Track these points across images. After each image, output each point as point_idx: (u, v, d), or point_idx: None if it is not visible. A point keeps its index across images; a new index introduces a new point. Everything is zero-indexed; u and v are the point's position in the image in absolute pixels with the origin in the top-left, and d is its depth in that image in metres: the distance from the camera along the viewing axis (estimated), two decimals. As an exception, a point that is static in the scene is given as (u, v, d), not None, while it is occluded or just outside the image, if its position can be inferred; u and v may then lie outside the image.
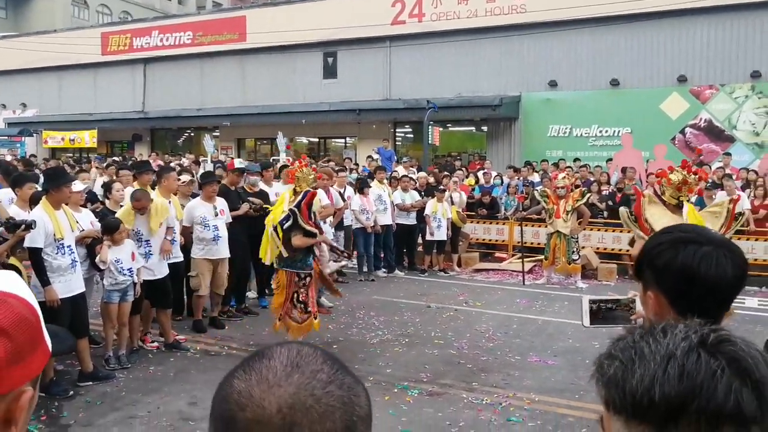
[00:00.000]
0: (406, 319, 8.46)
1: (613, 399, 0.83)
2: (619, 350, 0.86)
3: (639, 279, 1.57)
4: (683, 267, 1.43)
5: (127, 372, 6.32)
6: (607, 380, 0.84)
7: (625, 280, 11.30)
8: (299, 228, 6.46)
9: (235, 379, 0.79)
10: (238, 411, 0.75)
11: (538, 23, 17.81)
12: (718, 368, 0.78)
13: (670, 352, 0.81)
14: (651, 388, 0.79)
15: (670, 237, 1.51)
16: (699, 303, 1.40)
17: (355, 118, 20.08)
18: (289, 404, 0.74)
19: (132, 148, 25.86)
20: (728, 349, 0.80)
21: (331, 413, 0.75)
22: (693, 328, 0.85)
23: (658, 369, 0.79)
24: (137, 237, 6.78)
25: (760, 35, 16.00)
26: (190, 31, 24.26)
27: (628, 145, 16.64)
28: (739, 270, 1.44)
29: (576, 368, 6.45)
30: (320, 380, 0.77)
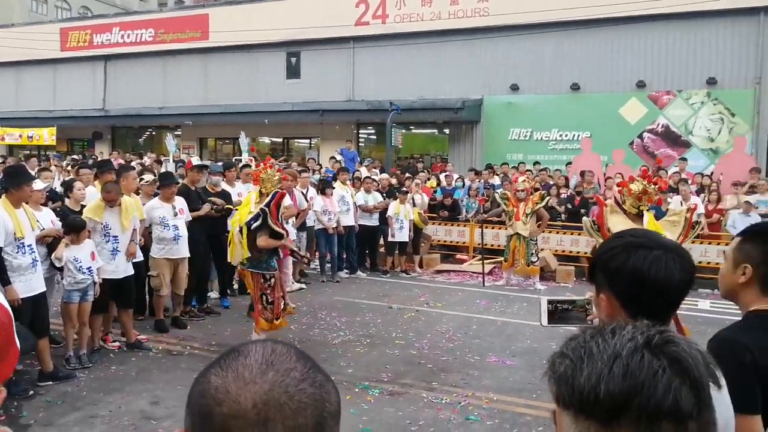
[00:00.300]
0: (368, 319, 8.52)
1: (563, 395, 0.88)
2: (570, 349, 0.90)
3: (592, 282, 1.62)
4: (634, 270, 1.49)
5: (88, 372, 6.27)
6: (558, 377, 0.89)
7: (582, 282, 11.54)
8: (267, 228, 6.51)
9: (212, 375, 0.82)
10: (215, 406, 0.79)
11: (501, 27, 18.03)
12: (659, 368, 0.83)
13: (616, 352, 0.85)
14: (597, 385, 0.83)
15: (622, 241, 1.56)
16: (649, 305, 1.47)
17: (318, 118, 20.06)
18: (264, 400, 0.78)
19: (92, 147, 25.35)
20: (671, 349, 0.86)
21: (303, 409, 0.79)
22: (640, 329, 0.89)
23: (604, 368, 0.84)
24: (105, 231, 6.70)
25: (716, 43, 16.49)
26: (151, 28, 23.92)
27: (587, 149, 16.98)
28: (687, 274, 1.51)
29: (533, 368, 6.59)
30: (293, 378, 0.81)
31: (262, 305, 6.74)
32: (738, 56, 16.34)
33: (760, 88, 16.19)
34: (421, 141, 22.08)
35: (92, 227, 6.62)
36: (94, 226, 6.65)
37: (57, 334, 6.94)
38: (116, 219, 6.77)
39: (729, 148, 16.28)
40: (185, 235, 7.81)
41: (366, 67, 20.36)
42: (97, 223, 6.66)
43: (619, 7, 16.08)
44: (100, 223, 6.67)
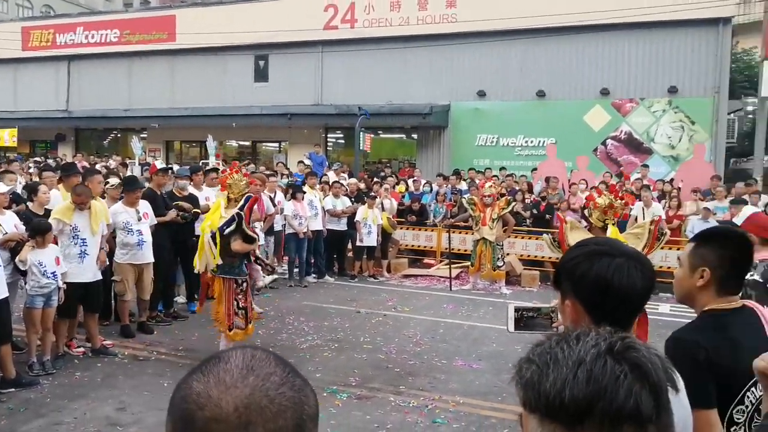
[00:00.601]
0: (336, 324, 8.55)
1: (529, 399, 0.91)
2: (536, 355, 0.94)
3: (558, 289, 1.67)
4: (597, 278, 1.54)
5: (52, 378, 6.17)
6: (525, 382, 0.92)
7: (547, 287, 11.72)
8: (240, 232, 6.49)
9: (193, 381, 0.84)
10: (197, 410, 0.81)
11: (469, 33, 18.22)
12: (621, 373, 0.87)
13: (580, 358, 0.89)
14: (562, 390, 0.87)
15: (586, 250, 1.62)
16: (612, 311, 1.52)
17: (286, 122, 20.03)
18: (245, 404, 0.81)
19: (55, 148, 24.90)
20: (631, 355, 0.90)
21: (283, 412, 0.82)
22: (603, 335, 0.93)
23: (569, 373, 0.88)
24: (74, 234, 6.61)
25: (677, 53, 16.91)
26: (117, 28, 23.60)
27: (552, 156, 17.24)
28: (649, 280, 1.56)
29: (499, 372, 6.69)
30: (273, 382, 0.84)
31: (233, 312, 6.66)
32: (698, 66, 16.79)
33: (719, 97, 16.66)
34: (389, 146, 22.17)
35: (60, 229, 6.53)
36: (62, 228, 6.56)
37: (20, 340, 6.81)
38: (86, 222, 6.69)
39: (689, 156, 16.70)
40: (149, 240, 7.74)
41: (334, 71, 20.39)
42: (66, 224, 6.57)
43: (583, 16, 16.39)
44: (69, 225, 6.58)
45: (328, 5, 20.07)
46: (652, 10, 15.83)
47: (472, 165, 17.15)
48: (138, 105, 22.79)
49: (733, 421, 1.99)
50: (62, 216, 6.55)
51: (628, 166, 17.04)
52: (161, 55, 22.69)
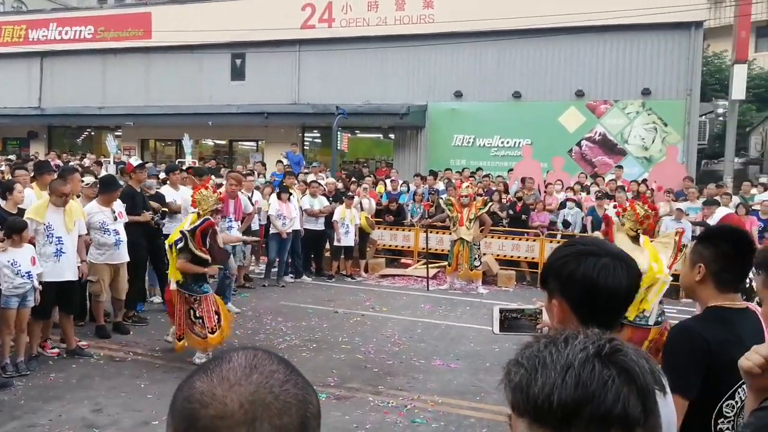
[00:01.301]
0: (314, 324, 8.55)
1: (518, 403, 0.92)
2: (524, 358, 0.94)
3: (545, 288, 1.69)
4: (584, 277, 1.56)
5: (26, 380, 6.08)
6: (513, 386, 0.93)
7: (522, 286, 11.85)
8: (188, 252, 6.50)
9: (196, 381, 0.85)
10: (200, 409, 0.81)
11: (446, 34, 18.28)
12: (609, 377, 0.88)
13: (569, 362, 0.90)
14: (551, 394, 0.88)
15: (573, 250, 1.64)
16: (599, 310, 1.56)
17: (263, 121, 19.93)
18: (250, 401, 0.81)
19: (27, 146, 24.45)
20: (619, 359, 0.91)
21: (288, 408, 0.83)
22: (591, 338, 0.94)
23: (557, 378, 0.88)
24: (48, 233, 6.49)
25: (650, 56, 17.17)
26: (91, 25, 23.27)
27: (528, 156, 17.41)
28: (633, 279, 1.60)
29: (477, 371, 6.76)
30: (278, 379, 0.84)
31: (190, 320, 6.61)
32: (671, 69, 17.06)
33: (691, 99, 16.95)
34: (366, 145, 22.18)
35: (34, 229, 6.42)
36: (36, 228, 6.44)
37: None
38: (60, 220, 6.57)
39: (662, 157, 16.97)
40: (125, 239, 7.67)
41: (312, 70, 20.34)
42: (39, 224, 6.44)
43: (559, 18, 16.55)
44: (43, 224, 6.46)
45: (305, 4, 20.01)
46: (626, 13, 16.03)
47: (448, 165, 17.23)
48: (113, 103, 22.51)
49: (722, 413, 2.07)
50: (35, 215, 6.43)
51: (602, 167, 17.26)
52: (136, 52, 22.42)
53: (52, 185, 6.67)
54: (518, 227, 12.68)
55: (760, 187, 14.18)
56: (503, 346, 7.35)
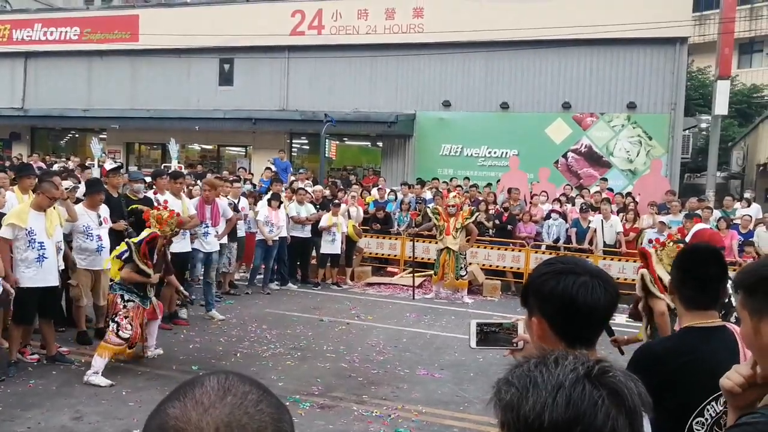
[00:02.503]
0: (299, 332, 8.50)
1: (509, 422, 0.93)
2: (515, 378, 0.96)
3: (525, 306, 1.71)
4: (563, 295, 1.58)
5: (5, 386, 5.96)
6: (504, 405, 0.94)
7: (507, 296, 11.88)
8: (133, 263, 6.58)
9: (168, 407, 0.83)
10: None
11: (435, 44, 18.37)
12: (599, 398, 0.90)
13: (559, 382, 0.92)
14: (541, 414, 0.90)
15: (552, 268, 1.66)
16: (577, 327, 1.57)
17: (250, 127, 19.86)
18: (226, 422, 0.80)
19: (9, 148, 24.16)
20: (609, 380, 0.93)
21: (264, 428, 0.82)
22: (581, 359, 0.96)
23: (548, 397, 0.90)
24: (30, 238, 6.34)
25: (636, 70, 17.36)
26: (77, 26, 23.07)
27: (514, 167, 17.48)
28: (612, 297, 1.61)
29: (461, 381, 6.76)
30: (251, 400, 0.84)
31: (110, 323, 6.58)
32: (656, 83, 17.25)
33: (675, 114, 17.14)
34: (354, 153, 22.17)
35: (15, 235, 6.30)
36: (17, 234, 6.32)
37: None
38: (42, 225, 6.45)
39: (646, 170, 17.13)
40: (108, 245, 7.56)
41: (300, 77, 20.33)
42: (21, 229, 6.31)
43: (547, 31, 16.69)
44: (25, 230, 6.33)
45: (295, 11, 20.01)
46: (612, 28, 16.20)
47: (436, 174, 17.27)
48: (97, 105, 22.32)
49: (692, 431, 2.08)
50: (17, 220, 6.29)
51: (587, 179, 17.40)
52: (123, 55, 22.26)
53: (44, 187, 6.53)
54: (504, 237, 12.73)
55: (744, 201, 14.34)
56: (487, 356, 7.37)
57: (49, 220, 6.53)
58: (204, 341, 7.87)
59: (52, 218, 6.59)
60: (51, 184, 6.60)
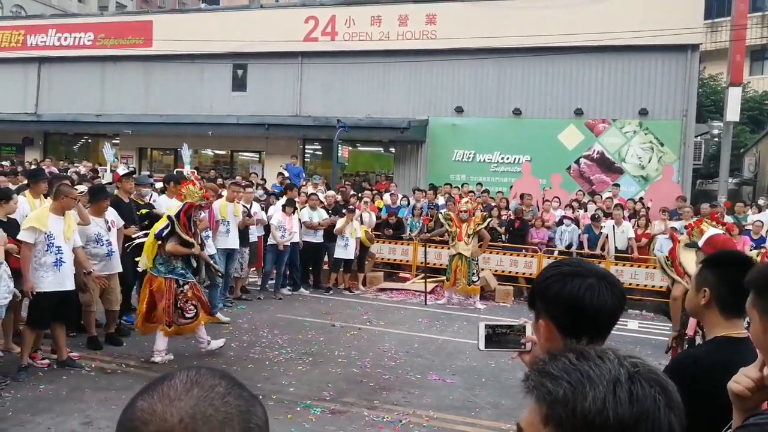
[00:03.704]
0: (310, 337, 8.49)
1: (560, 417, 0.90)
2: (562, 371, 0.93)
3: (532, 308, 1.70)
4: (570, 297, 1.58)
5: (15, 391, 5.94)
6: (555, 400, 0.91)
7: (520, 302, 11.83)
8: (176, 236, 6.87)
9: (138, 401, 0.85)
10: (141, 426, 0.82)
11: (447, 50, 18.39)
12: (657, 394, 0.90)
13: (614, 377, 0.90)
14: (603, 410, 0.87)
15: (559, 270, 1.65)
16: (584, 329, 1.55)
17: (263, 132, 19.93)
18: (190, 414, 0.81)
19: (22, 152, 24.35)
20: (656, 378, 0.92)
21: (230, 421, 0.83)
22: (618, 354, 0.95)
23: (607, 393, 0.88)
24: (49, 242, 6.36)
25: (648, 76, 17.29)
26: (91, 32, 23.25)
27: (527, 173, 17.44)
28: (618, 300, 1.61)
29: (473, 386, 6.72)
30: (218, 392, 0.85)
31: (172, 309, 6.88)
32: (667, 90, 17.18)
33: (687, 120, 17.05)
34: (366, 159, 22.16)
35: (35, 239, 6.32)
36: (36, 238, 6.33)
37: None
38: (60, 229, 6.47)
39: (658, 176, 17.04)
40: (117, 250, 7.61)
41: (313, 83, 20.39)
42: (41, 233, 6.33)
43: (558, 37, 16.68)
44: (44, 234, 6.35)
45: (308, 17, 20.09)
46: (624, 35, 16.17)
47: (448, 180, 17.24)
48: (111, 110, 22.45)
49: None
50: (38, 224, 6.31)
51: (599, 185, 17.32)
52: (136, 60, 22.40)
53: (64, 190, 6.55)
54: (517, 243, 12.68)
55: (755, 207, 14.23)
56: (499, 361, 7.33)
57: (67, 224, 6.57)
58: (215, 346, 7.87)
59: (70, 223, 6.63)
60: (69, 187, 6.65)
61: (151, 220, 8.64)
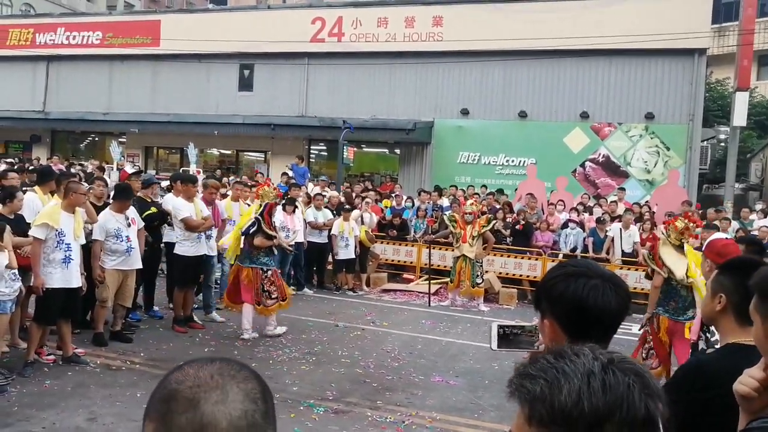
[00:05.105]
0: (314, 337, 8.51)
1: (540, 414, 0.92)
2: (539, 370, 0.95)
3: (537, 309, 1.71)
4: (574, 297, 1.59)
5: (21, 386, 5.97)
6: (533, 397, 0.93)
7: (524, 305, 11.82)
8: (262, 231, 8.08)
9: (168, 376, 0.98)
10: (178, 386, 0.95)
11: (454, 52, 18.41)
12: (631, 381, 0.92)
13: (588, 369, 0.93)
14: (578, 401, 0.90)
15: (563, 271, 1.66)
16: (588, 330, 1.56)
17: (269, 132, 19.99)
18: (218, 372, 0.96)
19: (30, 150, 24.46)
20: (631, 366, 0.95)
21: (251, 379, 0.98)
22: (596, 349, 0.98)
23: (582, 384, 0.91)
24: (59, 239, 6.42)
25: (655, 80, 17.28)
26: (99, 31, 23.37)
27: (532, 176, 17.42)
28: (623, 301, 1.61)
29: (476, 388, 6.73)
30: (236, 363, 1.01)
31: (260, 293, 8.10)
32: (674, 94, 17.17)
33: (693, 124, 17.02)
34: (371, 160, 22.21)
35: (47, 236, 6.36)
36: (48, 234, 6.38)
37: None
38: (71, 226, 6.53)
39: (663, 180, 17.01)
40: (137, 246, 7.68)
41: (320, 83, 20.43)
42: (52, 230, 6.37)
43: (565, 41, 16.68)
44: (56, 230, 6.40)
45: (315, 18, 20.14)
46: (631, 38, 16.14)
47: (453, 182, 17.24)
48: (118, 109, 22.56)
49: None
50: (50, 221, 6.35)
51: (605, 188, 17.30)
52: (144, 59, 22.51)
53: (74, 187, 6.61)
54: (521, 245, 12.67)
55: (760, 213, 14.18)
56: (503, 363, 7.33)
57: (77, 222, 6.63)
58: (219, 345, 7.91)
59: (80, 221, 6.68)
60: (78, 184, 6.70)
61: (161, 219, 8.70)
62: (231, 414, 0.91)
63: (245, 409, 0.93)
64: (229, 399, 0.93)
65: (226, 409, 0.91)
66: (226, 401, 0.92)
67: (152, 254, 8.61)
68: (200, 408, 0.91)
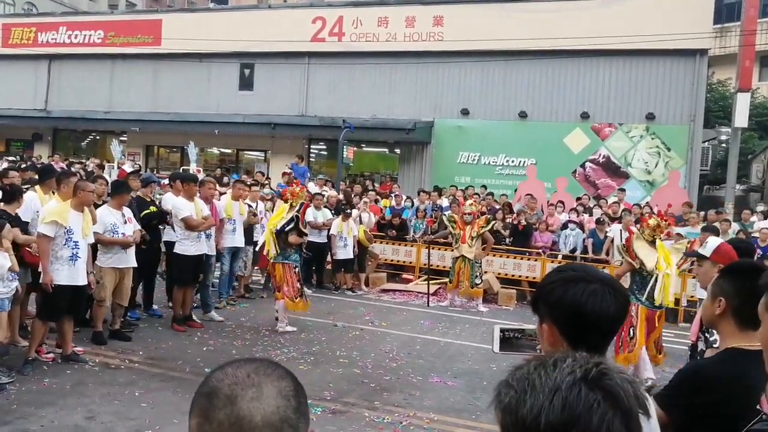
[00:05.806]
0: (312, 337, 8.52)
1: (507, 424, 0.97)
2: (515, 380, 0.99)
3: (536, 313, 1.71)
4: (573, 302, 1.59)
5: (20, 384, 5.98)
6: (503, 407, 0.98)
7: (523, 305, 11.82)
8: (297, 229, 8.63)
9: (209, 376, 1.07)
10: (218, 383, 1.04)
11: (454, 52, 18.40)
12: (594, 401, 0.93)
13: (556, 385, 0.94)
14: (538, 416, 0.92)
15: (562, 275, 1.66)
16: (586, 334, 1.57)
17: (269, 131, 20.00)
18: (255, 371, 1.05)
19: (31, 148, 24.50)
20: (605, 383, 0.95)
21: (285, 377, 1.06)
22: (579, 362, 0.98)
23: (545, 400, 0.93)
24: (68, 236, 6.44)
25: (655, 81, 17.26)
26: (101, 30, 23.41)
27: (532, 176, 17.42)
28: (621, 306, 1.62)
29: (474, 389, 6.74)
30: (272, 363, 1.09)
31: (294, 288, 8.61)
32: (675, 94, 17.15)
33: (694, 125, 17.01)
34: (371, 159, 22.21)
35: (55, 233, 6.39)
36: (56, 232, 6.40)
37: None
38: (80, 225, 6.55)
39: (664, 181, 17.01)
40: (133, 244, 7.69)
41: (320, 83, 20.44)
42: (61, 227, 6.40)
43: (565, 41, 16.68)
44: (64, 228, 6.42)
45: (316, 17, 20.15)
46: (632, 39, 16.13)
47: (453, 182, 17.24)
48: (119, 108, 22.60)
49: None
50: (59, 218, 6.37)
51: (605, 189, 17.29)
52: (145, 58, 22.54)
53: (79, 185, 6.63)
54: (520, 246, 12.68)
55: (760, 214, 14.16)
56: (501, 365, 7.33)
57: (86, 220, 6.64)
58: (218, 344, 7.91)
59: (88, 219, 6.70)
60: (85, 182, 6.72)
61: (160, 218, 8.70)
62: (265, 410, 1.00)
63: (278, 405, 1.01)
64: (264, 396, 1.01)
65: (260, 405, 1.00)
66: (261, 398, 1.01)
67: (152, 253, 8.62)
68: (237, 404, 1.00)
